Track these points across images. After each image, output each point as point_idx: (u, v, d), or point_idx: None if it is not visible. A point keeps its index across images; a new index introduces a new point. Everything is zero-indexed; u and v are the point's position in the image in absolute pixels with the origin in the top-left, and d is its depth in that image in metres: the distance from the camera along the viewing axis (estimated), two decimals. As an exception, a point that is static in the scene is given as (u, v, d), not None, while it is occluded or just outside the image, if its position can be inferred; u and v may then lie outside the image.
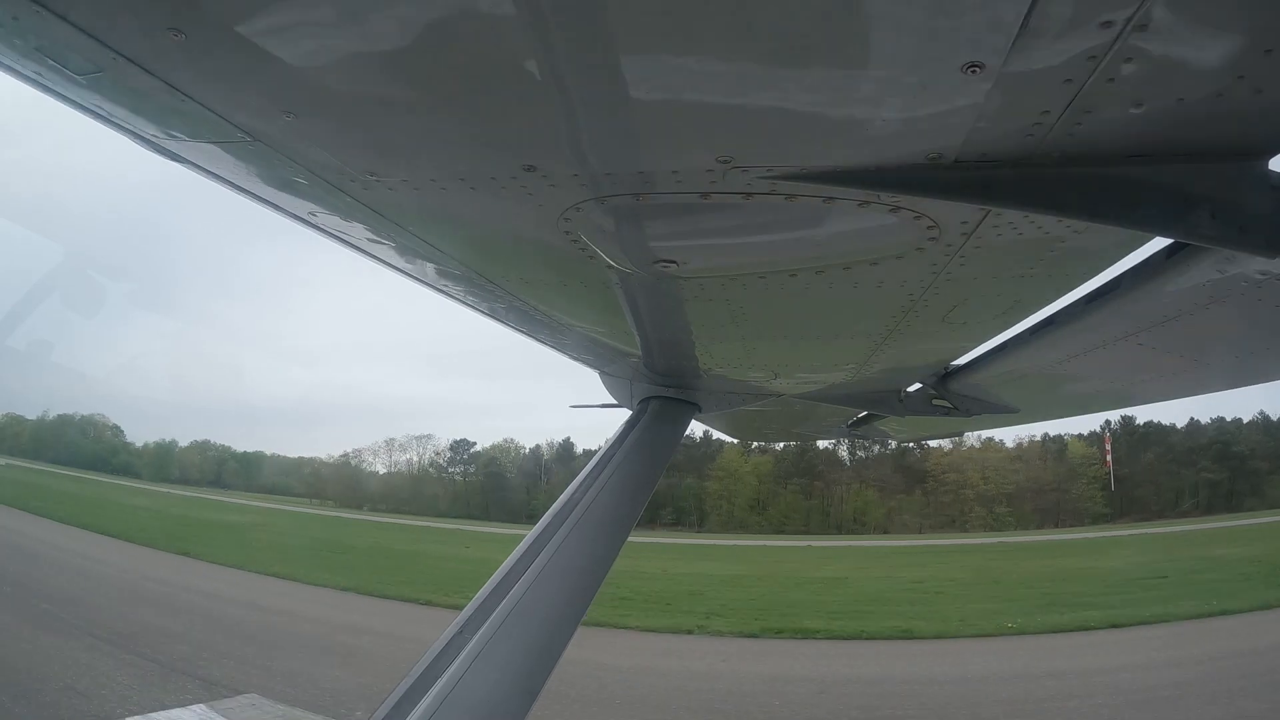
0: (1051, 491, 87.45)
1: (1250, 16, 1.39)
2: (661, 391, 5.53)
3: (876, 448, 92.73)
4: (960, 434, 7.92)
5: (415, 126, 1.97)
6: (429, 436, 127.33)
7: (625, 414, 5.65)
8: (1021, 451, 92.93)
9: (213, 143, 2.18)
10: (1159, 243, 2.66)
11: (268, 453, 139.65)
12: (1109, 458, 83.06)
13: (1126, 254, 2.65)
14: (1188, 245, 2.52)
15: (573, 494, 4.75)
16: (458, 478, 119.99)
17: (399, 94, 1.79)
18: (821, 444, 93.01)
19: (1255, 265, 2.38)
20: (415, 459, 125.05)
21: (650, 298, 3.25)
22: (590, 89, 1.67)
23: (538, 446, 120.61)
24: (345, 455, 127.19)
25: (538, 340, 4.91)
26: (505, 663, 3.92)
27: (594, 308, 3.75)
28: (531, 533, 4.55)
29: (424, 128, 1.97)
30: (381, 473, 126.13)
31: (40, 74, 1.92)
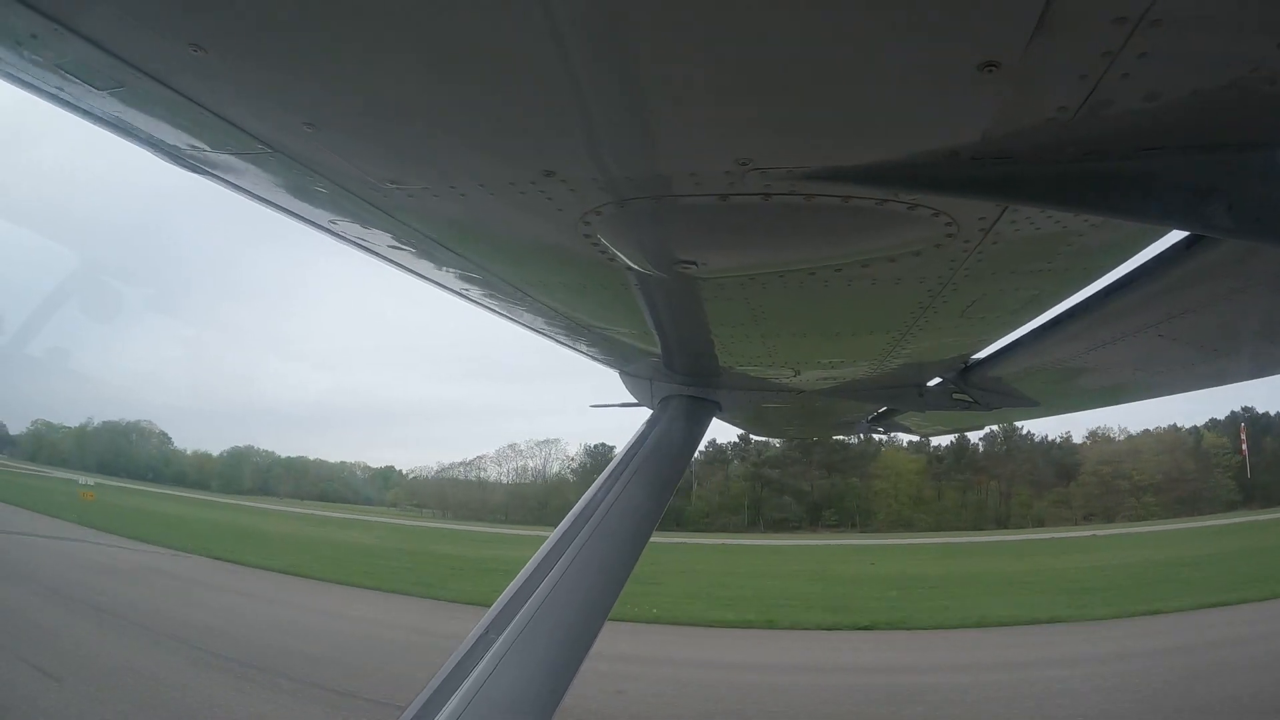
0: (1189, 481, 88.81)
1: (1261, 9, 1.40)
2: (682, 390, 5.56)
3: (1025, 439, 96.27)
4: (981, 428, 7.89)
5: (435, 134, 1.99)
6: (555, 441, 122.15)
7: (646, 413, 5.70)
8: (1162, 443, 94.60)
9: (233, 154, 2.22)
10: (1177, 234, 2.66)
11: (310, 458, 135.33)
12: (1244, 446, 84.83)
13: (1145, 246, 2.65)
14: (1206, 236, 2.52)
15: (596, 493, 4.78)
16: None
17: (419, 103, 1.82)
18: (972, 438, 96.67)
19: (1274, 255, 2.38)
20: (538, 465, 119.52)
21: (670, 298, 3.27)
22: (608, 94, 1.70)
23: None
24: (455, 463, 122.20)
25: (558, 341, 4.94)
26: (532, 661, 3.96)
27: (614, 309, 3.78)
28: (556, 531, 4.58)
29: (444, 135, 2.00)
30: (506, 482, 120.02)
31: (61, 89, 1.95)
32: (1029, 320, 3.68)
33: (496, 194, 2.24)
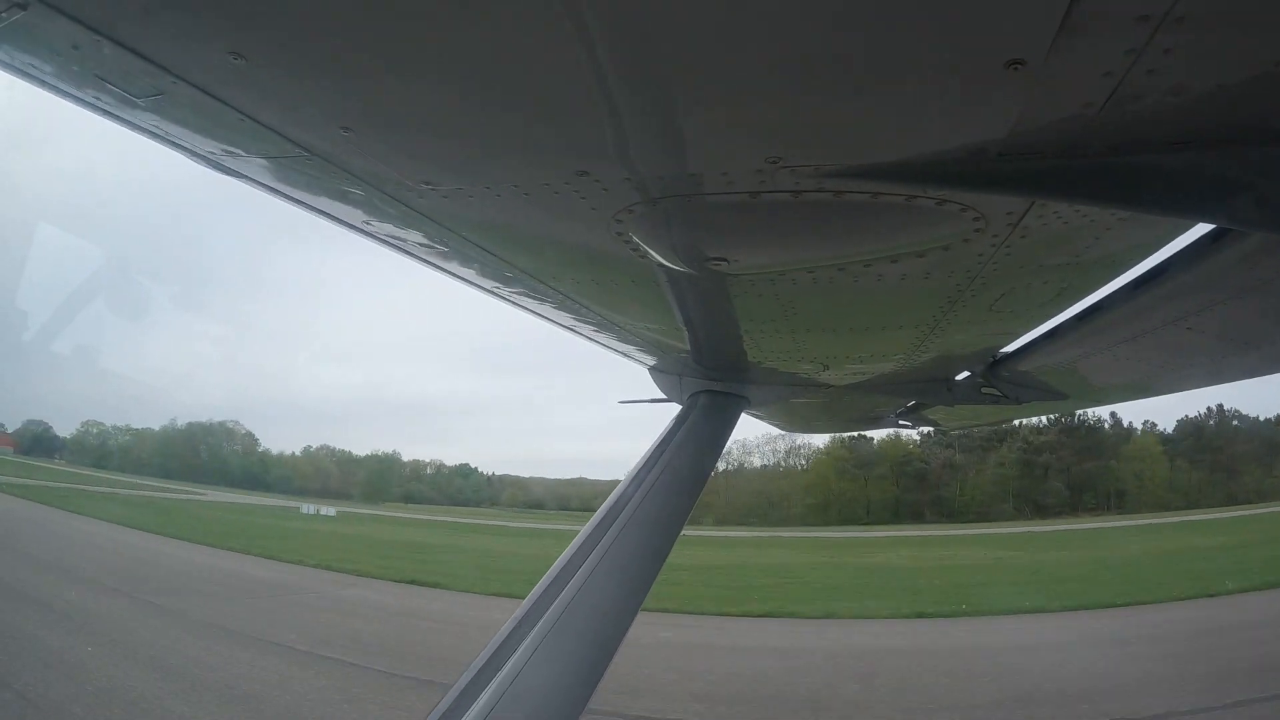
0: None
1: None
2: (711, 385, 5.57)
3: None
4: (1008, 422, 7.80)
5: (470, 136, 2.04)
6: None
7: (675, 408, 5.74)
8: None
9: (268, 158, 2.27)
10: (1204, 226, 2.66)
11: (404, 457, 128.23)
12: None
13: (1172, 240, 2.66)
14: (1233, 229, 2.53)
15: (625, 489, 4.80)
16: (867, 477, 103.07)
17: (454, 105, 1.86)
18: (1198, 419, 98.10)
19: None
20: (764, 462, 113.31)
21: (700, 295, 3.31)
22: (641, 94, 1.74)
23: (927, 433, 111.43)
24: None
25: (587, 337, 4.98)
26: (564, 655, 4.00)
27: (645, 305, 3.82)
28: (586, 527, 4.62)
29: (478, 137, 2.04)
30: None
31: (99, 98, 2.00)
32: (1057, 314, 3.68)
33: (530, 194, 2.28)
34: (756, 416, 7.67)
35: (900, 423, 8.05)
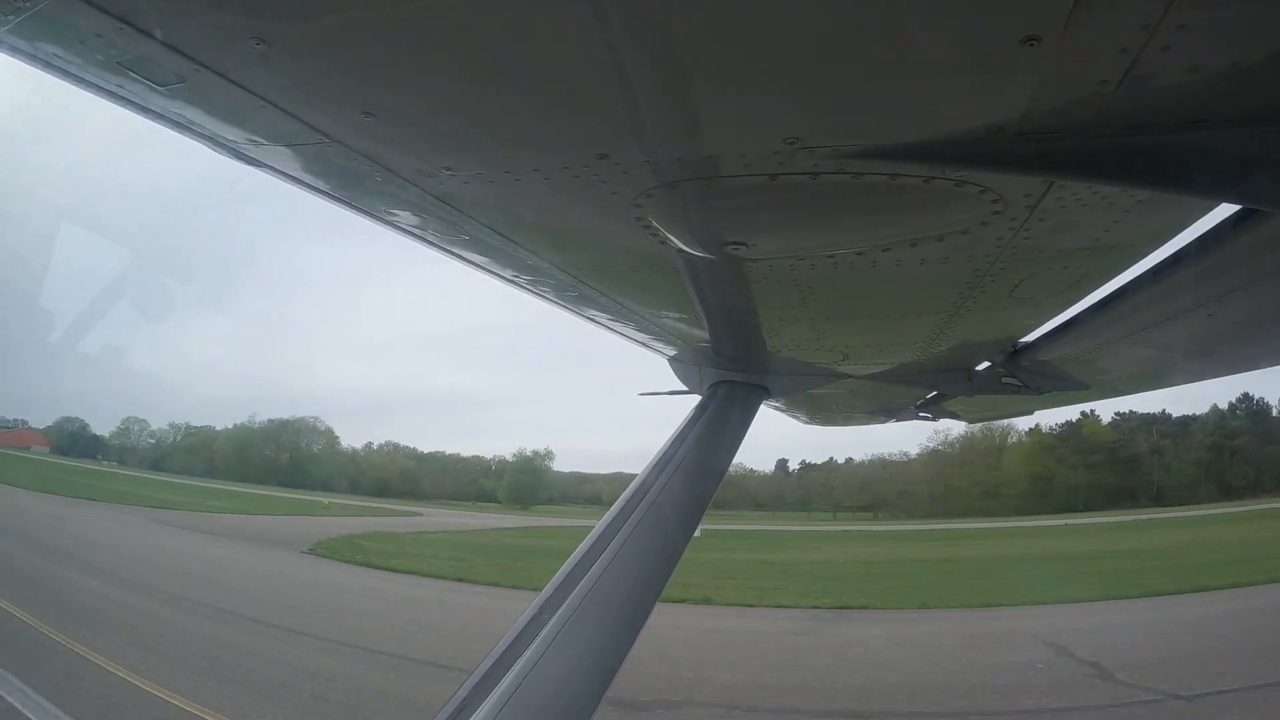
0: None
1: None
2: (730, 376, 5.58)
3: None
4: (1029, 413, 7.73)
5: (491, 119, 2.05)
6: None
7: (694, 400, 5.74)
8: None
9: (290, 145, 2.29)
10: (1224, 211, 2.65)
11: (446, 452, 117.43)
12: None
13: (1192, 223, 2.64)
14: (1254, 212, 2.51)
15: (645, 479, 4.81)
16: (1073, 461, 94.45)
17: (475, 89, 1.87)
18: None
19: None
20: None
21: (720, 281, 3.32)
22: (660, 76, 1.75)
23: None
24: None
25: (606, 328, 4.99)
26: (583, 644, 4.02)
27: (664, 293, 3.84)
28: (605, 517, 4.63)
29: (499, 120, 2.05)
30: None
31: (121, 87, 2.03)
32: (1077, 301, 3.66)
33: (550, 178, 2.30)
34: (776, 408, 7.67)
35: (920, 414, 8.02)
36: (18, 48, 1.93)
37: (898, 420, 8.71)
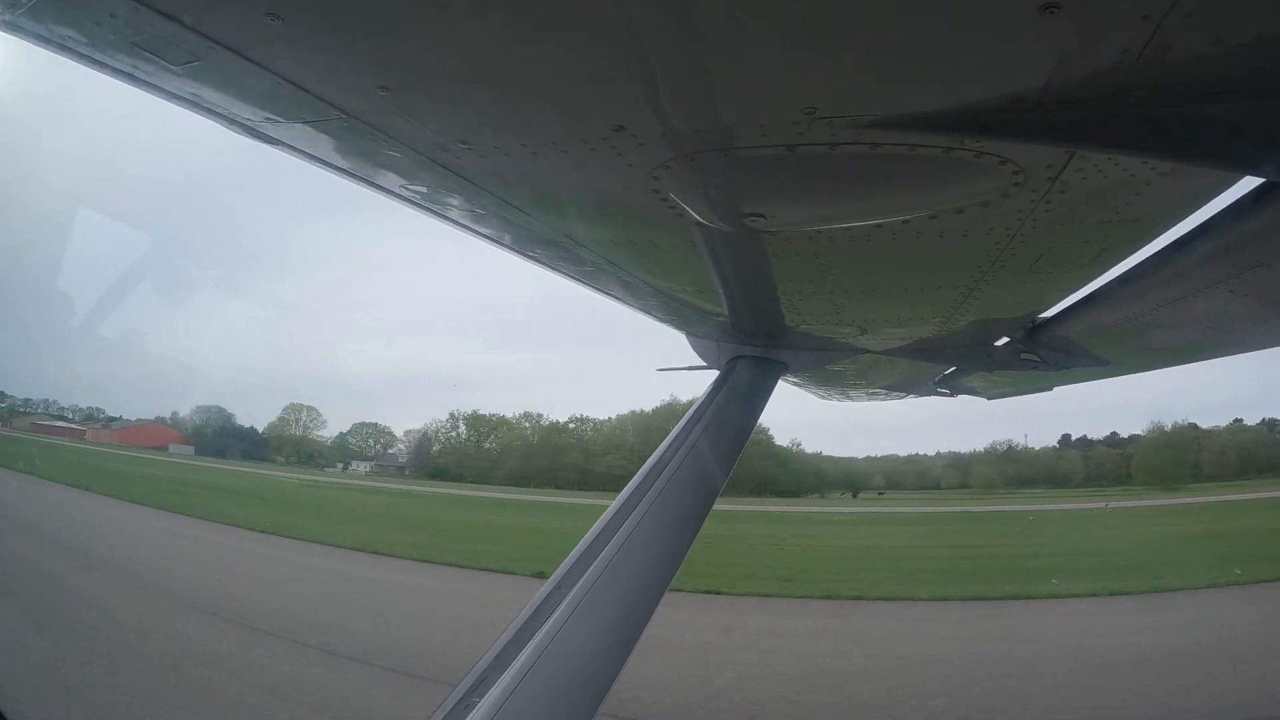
0: None
1: None
2: (749, 351, 5.56)
3: None
4: (1049, 389, 7.68)
5: (507, 91, 2.05)
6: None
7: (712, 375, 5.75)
8: None
9: (307, 122, 2.30)
10: (1246, 185, 2.62)
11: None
12: None
13: (1214, 196, 2.61)
14: (1277, 186, 2.48)
15: (663, 454, 4.82)
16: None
17: (491, 61, 1.87)
18: None
19: None
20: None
21: (737, 255, 3.32)
22: (676, 45, 1.75)
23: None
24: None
25: (625, 303, 5.00)
26: (600, 619, 4.05)
27: (682, 268, 3.84)
28: (623, 493, 4.65)
29: (516, 92, 2.05)
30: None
31: (135, 67, 2.04)
32: (1097, 276, 3.64)
33: (568, 151, 2.30)
34: (794, 383, 7.66)
35: (939, 390, 7.99)
36: (33, 31, 1.95)
37: (916, 396, 8.69)
